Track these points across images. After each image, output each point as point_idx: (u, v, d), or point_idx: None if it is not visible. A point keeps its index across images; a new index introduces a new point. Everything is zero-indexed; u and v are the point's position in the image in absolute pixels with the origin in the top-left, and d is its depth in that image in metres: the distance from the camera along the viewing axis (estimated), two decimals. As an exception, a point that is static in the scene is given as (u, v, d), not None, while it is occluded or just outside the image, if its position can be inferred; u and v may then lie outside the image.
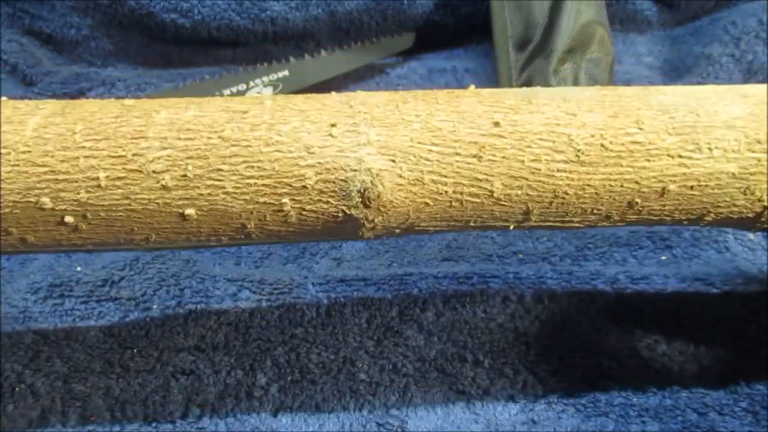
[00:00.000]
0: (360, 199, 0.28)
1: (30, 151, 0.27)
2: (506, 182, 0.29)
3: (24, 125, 0.27)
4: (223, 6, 0.63)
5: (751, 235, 0.46)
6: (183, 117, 0.28)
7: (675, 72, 0.62)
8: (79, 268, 0.43)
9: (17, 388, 0.37)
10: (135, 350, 0.38)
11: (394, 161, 0.28)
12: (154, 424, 0.35)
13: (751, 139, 0.30)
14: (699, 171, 0.30)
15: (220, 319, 0.40)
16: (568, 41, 0.55)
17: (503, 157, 0.29)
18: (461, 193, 0.29)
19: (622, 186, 0.30)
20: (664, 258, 0.45)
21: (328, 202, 0.28)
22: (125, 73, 0.65)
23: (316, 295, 0.41)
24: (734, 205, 0.31)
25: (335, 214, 0.29)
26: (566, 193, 0.29)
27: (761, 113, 0.30)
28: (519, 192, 0.29)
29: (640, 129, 0.30)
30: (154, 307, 0.41)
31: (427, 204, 0.29)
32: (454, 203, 0.29)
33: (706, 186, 0.30)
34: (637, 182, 0.30)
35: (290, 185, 0.28)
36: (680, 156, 0.30)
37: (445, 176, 0.29)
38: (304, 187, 0.28)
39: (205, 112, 0.29)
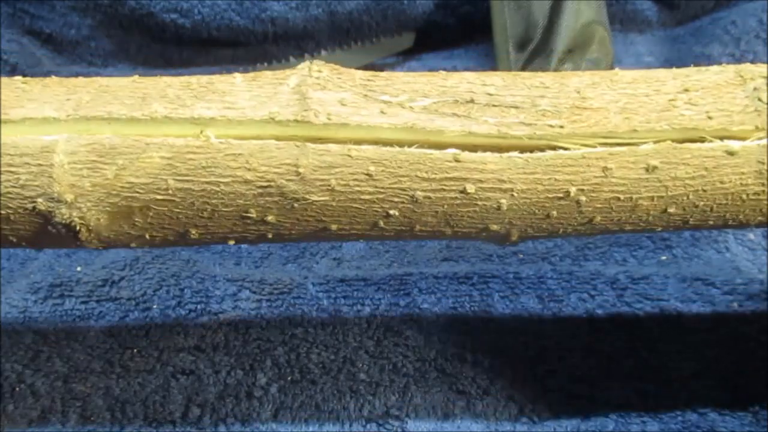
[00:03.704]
0: None
1: None
2: None
3: None
4: (223, 6, 0.63)
5: (751, 235, 0.46)
6: None
7: (675, 72, 0.62)
8: (79, 268, 0.43)
9: (17, 388, 0.37)
10: (135, 350, 0.38)
11: None
12: (154, 424, 0.35)
13: None
14: None
15: (220, 319, 0.40)
16: (568, 41, 0.55)
17: None
18: None
19: None
20: (664, 258, 0.45)
21: None
22: (125, 73, 0.65)
23: (316, 295, 0.41)
24: None
25: None
26: None
27: None
28: None
29: None
30: (154, 307, 0.41)
31: None
32: None
33: None
34: None
35: None
36: None
37: None
38: None
39: None
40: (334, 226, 0.27)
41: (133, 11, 0.63)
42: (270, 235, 0.28)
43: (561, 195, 0.27)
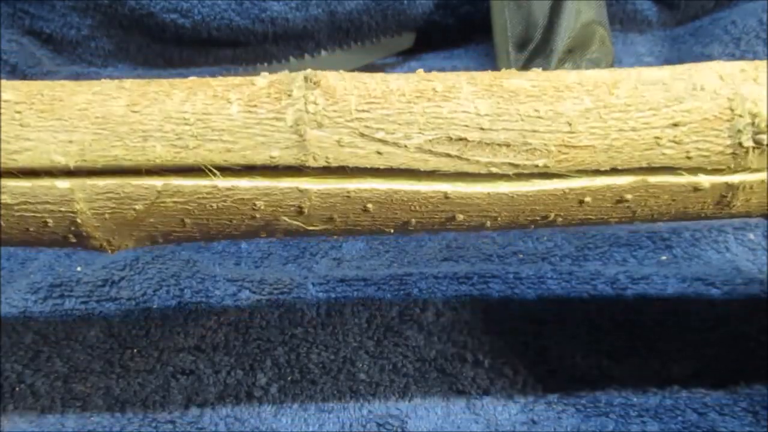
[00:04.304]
0: None
1: None
2: None
3: None
4: (223, 6, 0.63)
5: (751, 235, 0.46)
6: None
7: (675, 72, 0.62)
8: (79, 268, 0.43)
9: (17, 388, 0.37)
10: (135, 350, 0.38)
11: None
12: (154, 424, 0.35)
13: None
14: None
15: (220, 319, 0.40)
16: (568, 41, 0.55)
17: None
18: None
19: None
20: (664, 258, 0.45)
21: None
22: (125, 73, 0.65)
23: (316, 295, 0.41)
24: None
25: None
26: None
27: None
28: None
29: None
30: (154, 307, 0.41)
31: None
32: None
33: None
34: None
35: None
36: None
37: None
38: None
39: None
40: (334, 237, 0.30)
41: (133, 11, 0.63)
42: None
43: (539, 219, 0.29)
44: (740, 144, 0.28)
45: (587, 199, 0.28)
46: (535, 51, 0.56)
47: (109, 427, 0.35)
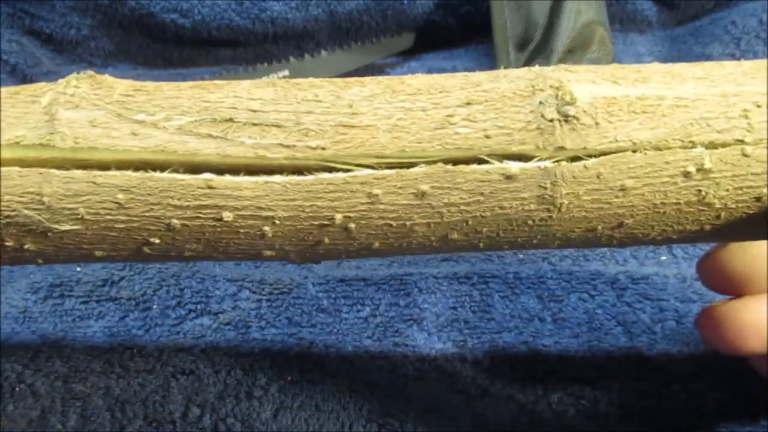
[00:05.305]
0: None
1: None
2: None
3: None
4: (223, 6, 0.63)
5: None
6: None
7: (675, 72, 0.62)
8: (79, 268, 0.43)
9: (17, 388, 0.37)
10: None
11: None
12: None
13: None
14: None
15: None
16: (568, 41, 0.55)
17: None
18: None
19: None
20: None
21: None
22: (125, 73, 0.65)
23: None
24: None
25: None
26: None
27: None
28: None
29: None
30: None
31: None
32: None
33: None
34: None
35: None
36: None
37: None
38: None
39: None
40: (97, 253, 0.26)
41: (133, 11, 0.63)
42: (40, 260, 0.27)
43: (327, 222, 0.25)
44: (543, 116, 0.24)
45: (376, 191, 0.24)
46: (535, 51, 0.56)
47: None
